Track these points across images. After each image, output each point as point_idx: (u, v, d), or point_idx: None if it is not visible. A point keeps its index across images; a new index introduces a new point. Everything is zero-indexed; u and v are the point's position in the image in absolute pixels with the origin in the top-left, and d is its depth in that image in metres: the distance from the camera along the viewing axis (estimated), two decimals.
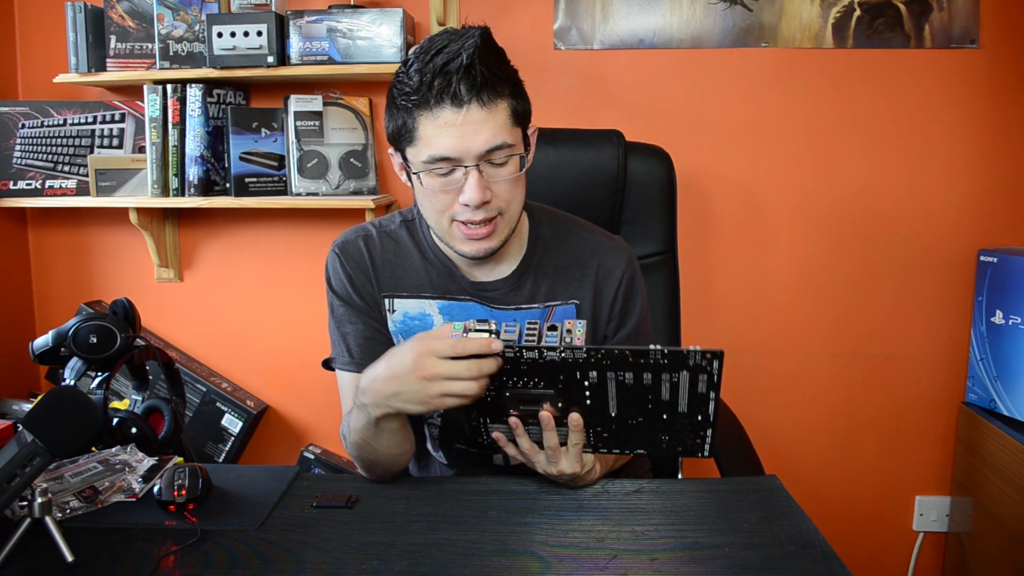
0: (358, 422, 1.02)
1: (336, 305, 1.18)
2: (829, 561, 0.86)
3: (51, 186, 1.99)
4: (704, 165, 1.97)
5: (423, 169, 1.03)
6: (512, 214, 1.07)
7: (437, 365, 0.91)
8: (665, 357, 0.89)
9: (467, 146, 0.99)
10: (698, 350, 0.88)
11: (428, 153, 1.01)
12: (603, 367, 0.91)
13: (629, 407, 0.94)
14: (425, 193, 1.05)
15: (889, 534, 2.08)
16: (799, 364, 2.03)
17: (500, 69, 1.01)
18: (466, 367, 0.91)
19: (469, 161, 1.00)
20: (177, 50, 1.91)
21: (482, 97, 0.99)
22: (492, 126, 1.00)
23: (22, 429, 0.86)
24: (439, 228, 1.09)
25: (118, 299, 1.28)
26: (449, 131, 0.99)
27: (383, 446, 1.03)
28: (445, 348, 0.91)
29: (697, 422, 0.94)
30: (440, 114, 0.99)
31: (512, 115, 1.03)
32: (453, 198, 1.03)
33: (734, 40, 1.93)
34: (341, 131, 1.96)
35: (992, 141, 1.91)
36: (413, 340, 0.95)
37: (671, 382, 0.91)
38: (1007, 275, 1.78)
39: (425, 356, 0.92)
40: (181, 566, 0.87)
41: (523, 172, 1.06)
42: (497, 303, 1.16)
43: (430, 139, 1.00)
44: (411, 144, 1.03)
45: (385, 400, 0.96)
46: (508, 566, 0.86)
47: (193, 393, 2.04)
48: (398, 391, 0.95)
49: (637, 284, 1.20)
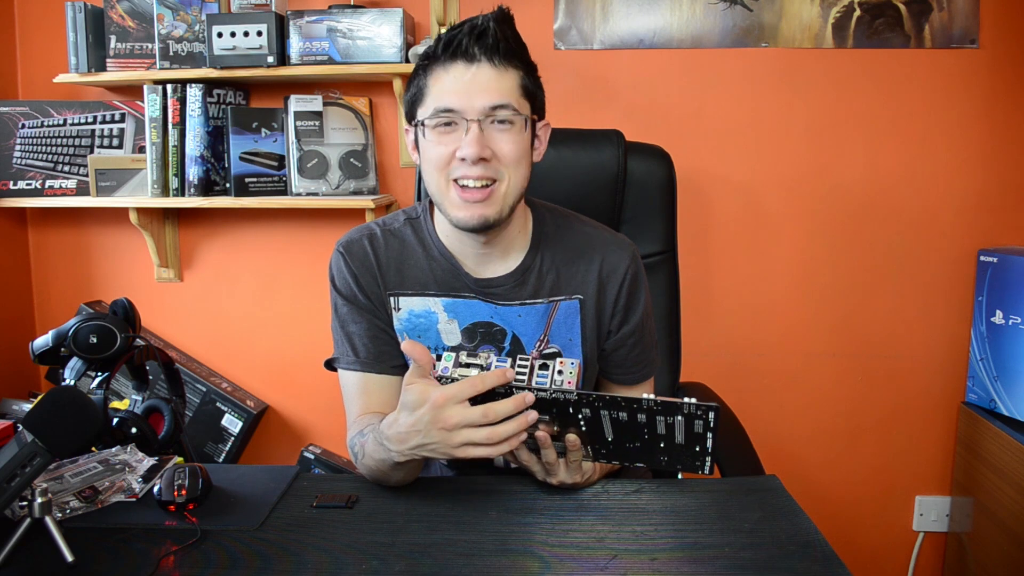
0: (376, 455, 1.00)
1: (340, 304, 1.17)
2: (829, 561, 0.86)
3: (51, 186, 1.99)
4: (704, 165, 1.97)
5: (427, 122, 1.05)
6: (511, 187, 1.07)
7: (456, 415, 0.90)
8: (659, 406, 0.89)
9: (471, 99, 1.02)
10: (693, 402, 0.87)
11: (434, 106, 1.04)
12: (595, 407, 0.91)
13: (625, 435, 0.94)
14: (427, 149, 1.07)
15: (889, 534, 2.08)
16: (799, 364, 2.03)
17: (516, 44, 1.06)
18: (482, 412, 0.89)
19: (471, 115, 1.03)
20: (177, 50, 1.91)
21: (493, 58, 1.03)
22: (499, 87, 1.03)
23: (22, 429, 0.86)
24: (438, 191, 1.08)
25: (118, 299, 1.28)
26: (457, 84, 1.03)
27: (399, 476, 1.03)
28: (462, 393, 0.90)
29: (695, 452, 0.93)
30: (451, 68, 1.03)
31: (522, 87, 1.06)
32: (452, 153, 1.04)
33: (734, 40, 1.93)
34: (341, 131, 1.96)
35: (992, 141, 1.91)
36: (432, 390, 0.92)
37: (666, 423, 0.90)
38: (1007, 275, 1.78)
39: (443, 406, 0.90)
40: (181, 566, 0.87)
41: (526, 142, 1.07)
42: (501, 299, 1.16)
43: (438, 93, 1.04)
44: (421, 103, 1.07)
45: (410, 451, 0.95)
46: (508, 566, 0.86)
47: (193, 393, 2.04)
48: (422, 443, 0.93)
49: (641, 280, 1.20)
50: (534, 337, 1.16)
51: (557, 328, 1.17)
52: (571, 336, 1.18)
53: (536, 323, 1.16)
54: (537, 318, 1.16)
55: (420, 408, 0.91)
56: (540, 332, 1.17)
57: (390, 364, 1.15)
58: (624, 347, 1.20)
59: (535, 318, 1.16)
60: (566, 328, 1.17)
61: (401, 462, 0.97)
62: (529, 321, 1.16)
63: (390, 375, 1.15)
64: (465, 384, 0.90)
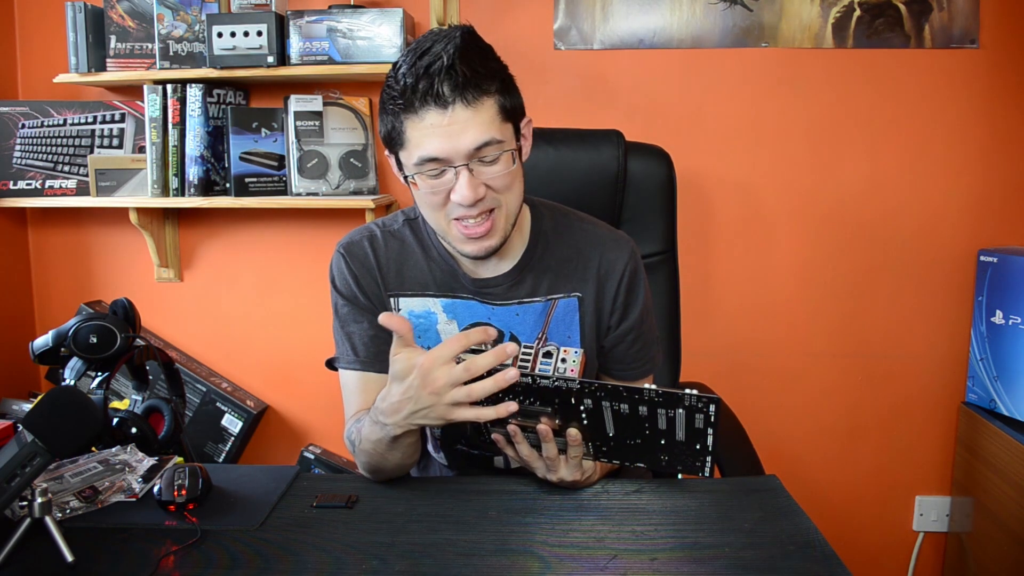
0: (373, 435, 1.01)
1: (340, 305, 1.18)
2: (829, 561, 0.86)
3: (51, 186, 1.99)
4: (704, 165, 1.97)
5: (415, 171, 1.03)
6: (510, 209, 1.07)
7: (443, 375, 0.91)
8: (660, 396, 0.89)
9: (455, 146, 0.99)
10: (694, 394, 0.88)
11: (418, 155, 1.01)
12: (597, 397, 0.91)
13: (626, 430, 0.94)
14: (420, 195, 1.06)
15: (889, 534, 2.08)
16: (799, 364, 2.03)
17: (483, 67, 1.00)
18: (464, 367, 0.90)
19: (458, 161, 1.00)
20: (177, 50, 1.91)
21: (466, 96, 0.98)
22: (478, 124, 1.00)
23: (22, 429, 0.86)
24: (439, 228, 1.09)
25: (118, 299, 1.28)
26: (435, 132, 0.99)
27: (396, 458, 1.04)
28: (447, 352, 0.91)
29: (696, 450, 0.93)
30: (426, 116, 0.99)
31: (500, 111, 1.02)
32: (446, 196, 1.03)
33: (734, 40, 1.93)
34: (341, 131, 1.96)
35: (992, 141, 1.91)
36: (418, 356, 0.94)
37: (667, 416, 0.91)
38: (1007, 275, 1.78)
39: (430, 369, 0.91)
40: (181, 566, 0.87)
41: (516, 166, 1.06)
42: (498, 299, 1.16)
43: (418, 141, 1.01)
44: (402, 148, 1.04)
45: (405, 420, 0.96)
46: (508, 566, 0.86)
47: (193, 393, 2.04)
48: (414, 410, 0.94)
49: (640, 276, 1.20)
50: (532, 335, 1.17)
51: (556, 325, 1.17)
52: (570, 333, 1.18)
53: (534, 321, 1.16)
54: (535, 316, 1.16)
55: (409, 375, 0.93)
56: (538, 330, 1.17)
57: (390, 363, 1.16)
58: (624, 343, 1.21)
59: (533, 316, 1.16)
60: (565, 325, 1.17)
61: (398, 435, 0.98)
62: (527, 319, 1.16)
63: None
64: (449, 343, 0.92)
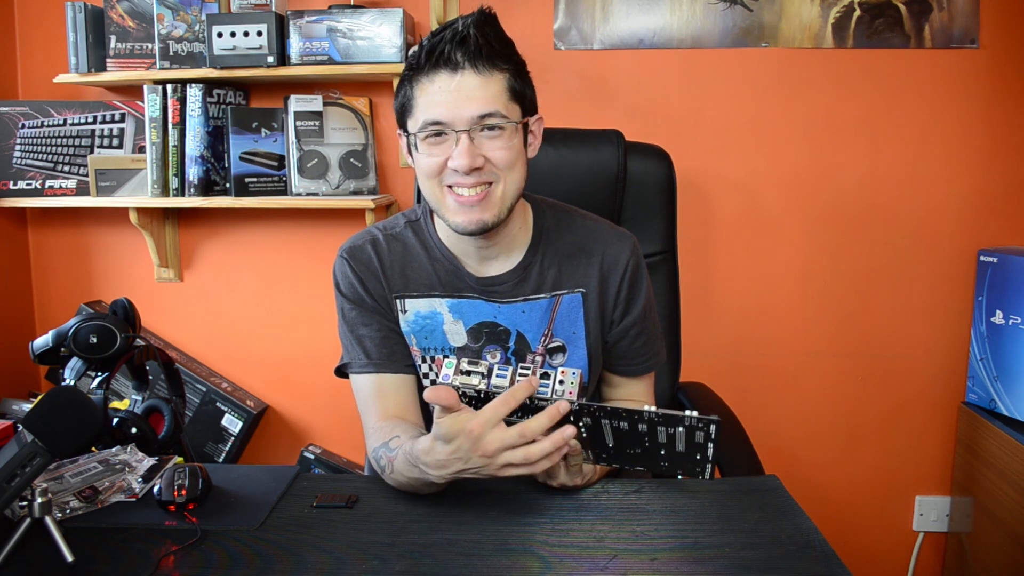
0: (409, 473, 0.98)
1: (347, 309, 1.17)
2: (829, 561, 0.86)
3: (51, 186, 1.99)
4: (704, 165, 1.97)
5: (418, 137, 1.04)
6: (508, 189, 1.07)
7: (495, 440, 0.88)
8: (659, 418, 0.89)
9: (459, 110, 1.01)
10: (694, 415, 0.87)
11: (423, 118, 1.03)
12: (596, 417, 0.91)
13: (625, 442, 0.94)
14: (420, 160, 1.06)
15: (889, 534, 2.08)
16: (799, 364, 2.03)
17: (499, 44, 1.03)
18: (519, 433, 0.88)
19: (460, 126, 1.02)
20: (177, 50, 1.91)
21: (477, 64, 1.01)
22: (485, 95, 1.01)
23: (22, 429, 0.86)
24: (434, 198, 1.08)
25: (118, 299, 1.28)
26: (442, 96, 1.01)
27: (434, 489, 1.01)
28: (496, 416, 0.89)
29: (696, 459, 0.93)
30: (436, 79, 1.01)
31: (509, 90, 1.04)
32: (444, 162, 1.04)
33: (734, 40, 1.93)
34: (341, 131, 1.96)
35: (992, 141, 1.91)
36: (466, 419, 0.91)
37: (667, 433, 0.90)
38: (1007, 275, 1.78)
39: (482, 435, 0.89)
40: (181, 566, 0.87)
41: (519, 145, 1.06)
42: (503, 297, 1.16)
43: (425, 104, 1.03)
44: (411, 114, 1.05)
45: (452, 475, 0.93)
46: (508, 566, 0.86)
47: (193, 393, 2.04)
48: (464, 468, 0.92)
49: (642, 271, 1.20)
50: (539, 333, 1.17)
51: (561, 322, 1.17)
52: (575, 329, 1.18)
53: (540, 318, 1.17)
54: (540, 313, 1.17)
55: (457, 438, 0.89)
56: (544, 326, 1.17)
57: (403, 363, 1.16)
58: (627, 338, 1.21)
59: (538, 313, 1.17)
60: (569, 321, 1.18)
61: (442, 484, 0.96)
62: (533, 317, 1.17)
63: (404, 374, 1.16)
64: (498, 405, 0.89)
